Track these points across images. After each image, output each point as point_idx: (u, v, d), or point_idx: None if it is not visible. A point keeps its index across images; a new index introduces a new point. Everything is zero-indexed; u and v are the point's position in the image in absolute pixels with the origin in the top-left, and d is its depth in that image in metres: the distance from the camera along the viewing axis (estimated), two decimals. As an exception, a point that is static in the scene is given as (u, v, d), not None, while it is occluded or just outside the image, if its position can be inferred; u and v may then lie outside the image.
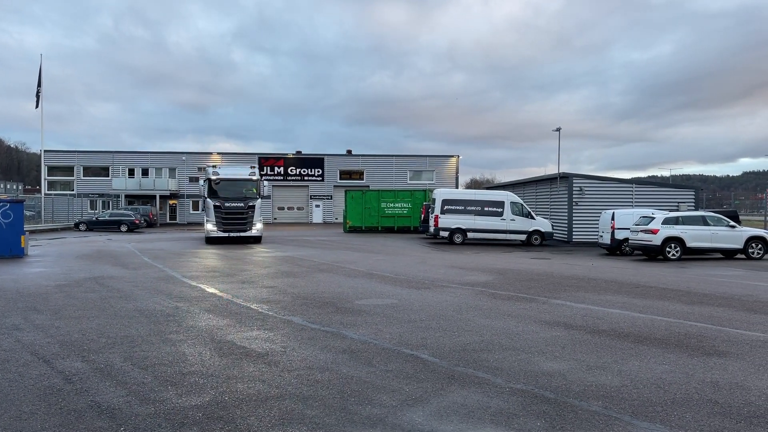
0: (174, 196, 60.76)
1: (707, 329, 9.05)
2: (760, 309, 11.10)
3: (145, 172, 61.02)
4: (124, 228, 43.16)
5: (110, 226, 43.32)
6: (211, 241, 28.59)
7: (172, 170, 61.58)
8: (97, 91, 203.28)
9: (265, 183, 30.30)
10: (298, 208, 62.35)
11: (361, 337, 8.17)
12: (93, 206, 56.48)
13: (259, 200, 29.01)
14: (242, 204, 28.29)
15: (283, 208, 61.98)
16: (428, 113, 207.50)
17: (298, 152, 64.12)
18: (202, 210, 33.37)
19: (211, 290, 12.55)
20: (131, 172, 60.70)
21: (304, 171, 62.54)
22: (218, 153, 63.76)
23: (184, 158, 61.89)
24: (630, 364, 6.91)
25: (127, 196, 57.48)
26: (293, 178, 62.23)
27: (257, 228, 28.78)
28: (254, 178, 29.31)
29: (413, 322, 9.31)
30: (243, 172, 29.78)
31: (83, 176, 60.71)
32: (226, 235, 28.13)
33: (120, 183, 58.05)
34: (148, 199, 58.49)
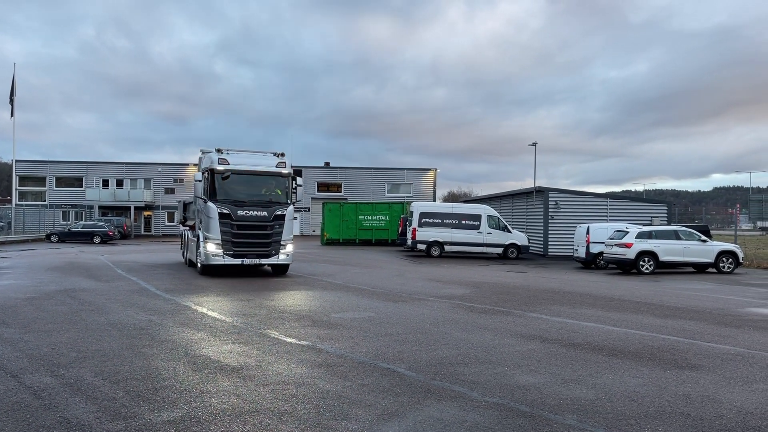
0: (149, 207, 60.05)
1: (679, 342, 9.17)
2: (730, 322, 11.29)
3: (119, 183, 60.28)
4: (97, 240, 42.49)
5: (83, 237, 42.60)
6: (209, 270, 18.29)
7: (147, 181, 60.94)
8: (74, 101, 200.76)
9: (299, 181, 18.84)
10: (276, 221, 61.75)
11: (338, 350, 8.12)
12: (65, 217, 55.56)
13: (291, 208, 18.51)
14: (265, 213, 17.86)
15: (260, 221, 61.33)
16: (409, 127, 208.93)
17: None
18: (181, 222, 25.17)
19: (185, 303, 12.39)
20: (105, 183, 59.92)
21: (282, 183, 62.13)
22: (195, 164, 63.16)
23: (160, 169, 61.28)
24: (604, 377, 6.96)
25: (100, 207, 56.69)
26: (271, 190, 61.77)
27: (287, 252, 18.36)
28: (284, 171, 18.55)
29: (390, 335, 9.29)
30: (266, 161, 18.65)
31: (56, 187, 59.78)
32: (238, 262, 17.69)
33: (94, 194, 57.23)
34: (123, 210, 57.76)
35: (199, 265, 18.66)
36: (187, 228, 23.20)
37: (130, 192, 58.73)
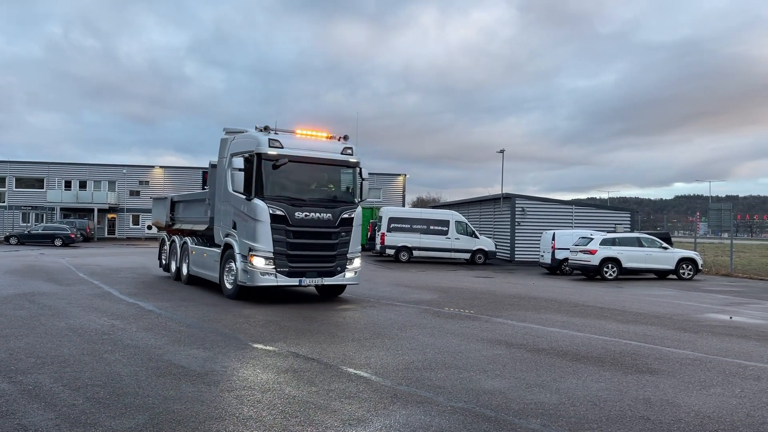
0: (113, 210, 58.89)
1: (641, 347, 9.37)
2: (689, 328, 11.58)
3: (82, 185, 58.99)
4: (58, 242, 41.49)
5: (43, 240, 41.56)
6: (247, 294, 13.71)
7: (111, 183, 59.79)
8: (39, 101, 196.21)
9: (365, 173, 14.27)
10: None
11: (305, 356, 8.07)
12: (25, 219, 54.19)
13: (359, 209, 14.21)
14: (330, 215, 13.40)
15: (227, 224, 60.55)
16: (381, 132, 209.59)
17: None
18: (166, 225, 19.21)
19: (149, 307, 12.18)
20: (68, 185, 58.57)
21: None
22: (161, 166, 62.30)
23: (125, 171, 60.21)
24: (568, 382, 7.07)
25: (62, 209, 55.40)
26: (238, 193, 61.09)
27: (354, 267, 14.15)
28: (352, 160, 14.06)
29: (357, 341, 9.28)
30: (329, 146, 14.02)
31: (15, 188, 58.16)
32: (294, 282, 13.25)
33: (55, 195, 55.89)
34: (86, 212, 56.52)
35: (229, 285, 13.77)
36: (174, 233, 18.73)
37: (94, 194, 57.53)
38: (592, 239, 24.29)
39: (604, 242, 23.83)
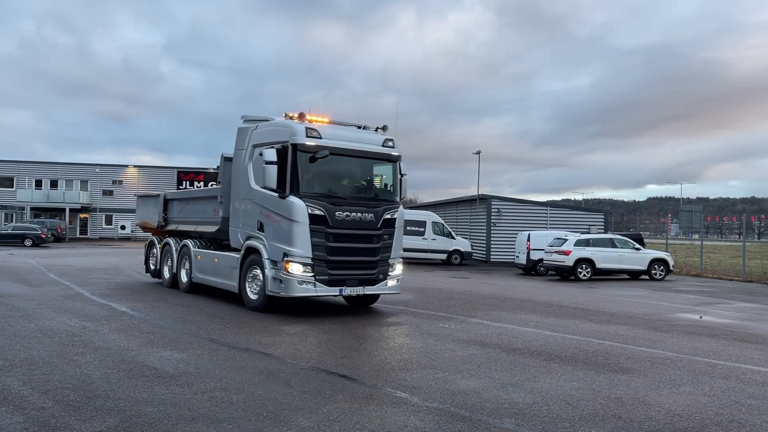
0: (86, 209, 57.92)
1: (613, 347, 9.50)
2: (660, 327, 11.77)
3: (54, 184, 57.93)
4: (28, 242, 40.68)
5: (13, 240, 40.69)
6: (276, 305, 12.04)
7: (84, 182, 58.82)
8: (10, 98, 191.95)
9: (404, 170, 12.82)
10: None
11: (280, 357, 8.03)
12: (-6, 219, 52.96)
13: (402, 209, 12.75)
14: (372, 215, 11.88)
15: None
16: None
17: (219, 167, 62.65)
18: (159, 226, 17.14)
19: (122, 309, 12.01)
20: (39, 184, 57.48)
21: (226, 186, 60.97)
22: (135, 166, 61.51)
23: (97, 170, 59.29)
24: (542, 381, 7.14)
25: (33, 209, 54.32)
26: (214, 193, 60.51)
27: (396, 275, 12.58)
28: (394, 153, 12.56)
29: (332, 342, 9.26)
30: (369, 137, 12.49)
31: (-16, 187, 56.90)
32: (335, 292, 11.72)
33: (25, 194, 54.83)
34: (57, 212, 55.50)
35: (253, 296, 12.10)
36: (168, 235, 16.86)
37: (66, 193, 56.55)
38: (566, 240, 24.56)
39: (579, 243, 24.11)
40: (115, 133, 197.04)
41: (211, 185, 14.74)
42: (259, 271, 11.88)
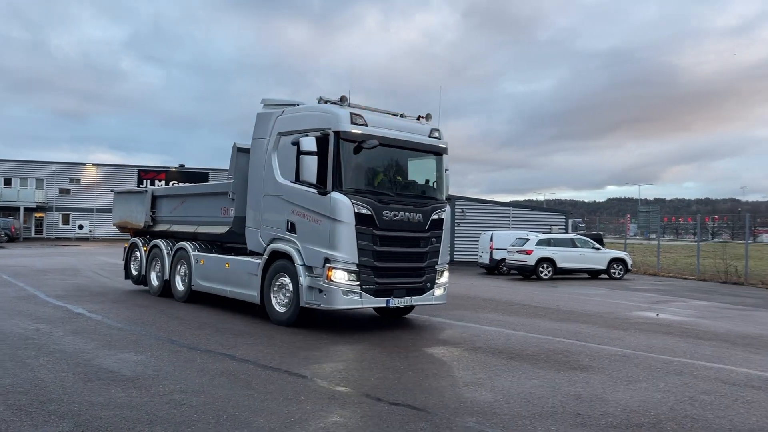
0: (41, 209, 56.30)
1: (573, 345, 9.67)
2: (618, 325, 12.03)
3: (7, 182, 56.20)
4: (-20, 242, 39.35)
5: (-36, 239, 39.31)
6: (306, 318, 10.47)
7: (39, 181, 57.21)
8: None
9: (447, 164, 11.58)
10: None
11: (242, 358, 7.93)
12: (-56, 218, 51.04)
13: (449, 209, 11.43)
14: (420, 215, 10.59)
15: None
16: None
17: (181, 166, 61.75)
18: (145, 227, 15.34)
19: (78, 310, 11.70)
20: (-9, 182, 55.64)
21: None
22: (93, 164, 60.09)
23: (54, 168, 57.71)
24: (503, 379, 7.22)
25: (-15, 208, 52.52)
26: (175, 192, 59.51)
27: (443, 283, 11.21)
28: (442, 145, 11.35)
29: (295, 343, 9.19)
30: (414, 126, 11.18)
31: (-67, 184, 54.82)
32: (382, 303, 10.26)
33: (-23, 193, 53.00)
34: (11, 211, 53.79)
35: (281, 308, 10.57)
36: (156, 236, 15.09)
37: (20, 192, 54.91)
38: (528, 240, 24.92)
39: (540, 243, 24.49)
40: (72, 130, 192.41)
41: (229, 179, 12.51)
42: (287, 280, 10.39)
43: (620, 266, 25.26)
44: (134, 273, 15.71)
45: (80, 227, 56.76)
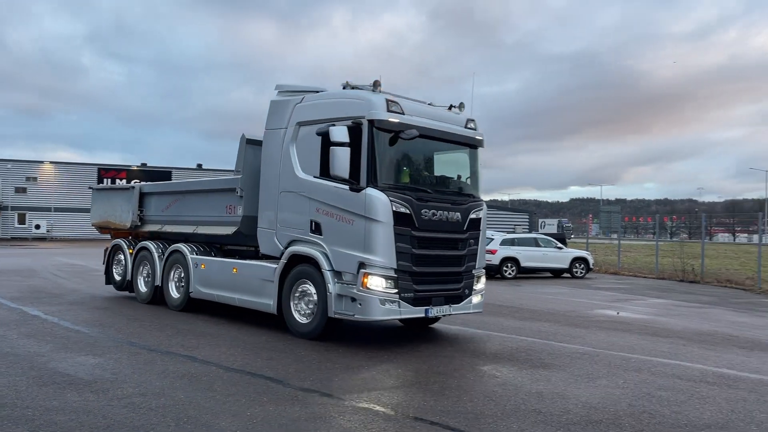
0: (-4, 207, 54.58)
1: (535, 343, 9.79)
2: (580, 323, 12.24)
3: (-40, 180, 54.26)
4: (-69, 242, 37.96)
5: None
6: (333, 329, 9.34)
7: (-6, 179, 55.38)
8: None
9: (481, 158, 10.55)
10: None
11: (204, 360, 7.81)
12: None
13: (485, 207, 10.19)
14: (458, 215, 9.47)
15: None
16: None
17: (143, 164, 60.60)
18: (133, 226, 13.70)
19: (34, 312, 11.37)
20: (-57, 180, 53.69)
21: (150, 184, 58.96)
22: (51, 162, 58.52)
23: (9, 166, 55.93)
24: (466, 378, 7.27)
25: (-64, 207, 50.68)
26: (137, 191, 58.30)
27: (480, 289, 10.08)
28: (479, 137, 10.24)
29: (258, 344, 9.09)
30: (449, 115, 10.05)
31: None
32: (420, 313, 9.04)
33: (-72, 191, 51.10)
34: (-36, 210, 52.02)
35: (304, 319, 9.43)
36: (144, 239, 13.61)
37: (-27, 190, 53.09)
38: (492, 239, 25.16)
39: (504, 242, 24.75)
40: (29, 127, 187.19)
41: (236, 173, 11.12)
42: (310, 287, 9.24)
43: (582, 265, 25.70)
44: (117, 278, 14.10)
45: (37, 227, 55.20)
